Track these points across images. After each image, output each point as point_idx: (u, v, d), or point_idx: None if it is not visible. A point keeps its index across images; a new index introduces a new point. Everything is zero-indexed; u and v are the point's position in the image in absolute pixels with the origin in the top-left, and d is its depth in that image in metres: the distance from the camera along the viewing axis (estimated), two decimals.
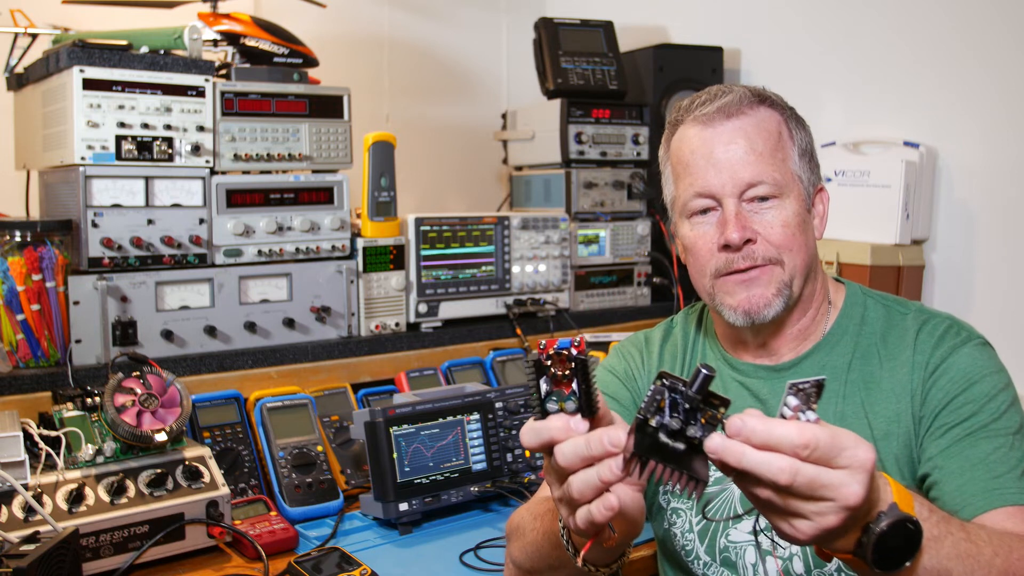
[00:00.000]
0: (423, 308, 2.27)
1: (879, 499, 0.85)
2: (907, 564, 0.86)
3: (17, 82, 2.13)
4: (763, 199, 1.26)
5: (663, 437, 0.82)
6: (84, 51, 1.84)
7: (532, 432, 0.89)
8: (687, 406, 0.81)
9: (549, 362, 0.87)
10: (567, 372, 0.86)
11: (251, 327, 2.03)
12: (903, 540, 0.85)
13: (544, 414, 0.88)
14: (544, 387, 0.87)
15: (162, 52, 1.96)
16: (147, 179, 1.91)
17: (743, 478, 0.82)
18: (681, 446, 0.82)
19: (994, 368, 1.23)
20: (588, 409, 0.87)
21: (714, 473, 1.34)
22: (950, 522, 0.92)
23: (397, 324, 2.24)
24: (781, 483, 0.79)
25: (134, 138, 1.89)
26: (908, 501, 0.87)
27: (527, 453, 1.89)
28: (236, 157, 2.02)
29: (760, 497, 0.83)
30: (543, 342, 0.87)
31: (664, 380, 0.83)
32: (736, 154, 1.26)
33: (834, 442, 0.80)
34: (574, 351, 0.85)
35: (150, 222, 1.91)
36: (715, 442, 0.81)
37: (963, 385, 1.21)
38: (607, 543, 0.96)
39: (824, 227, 1.36)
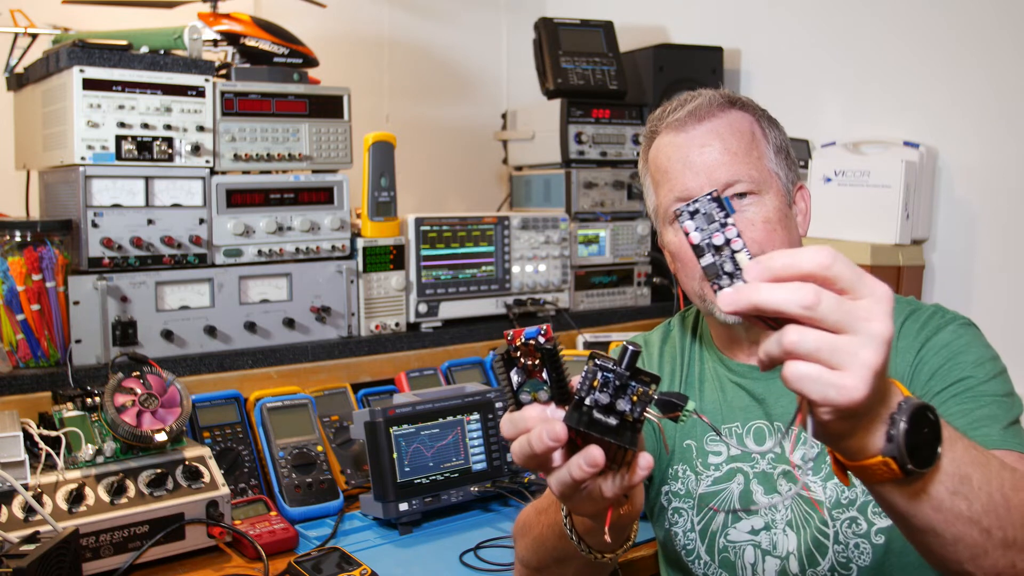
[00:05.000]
0: (423, 308, 2.27)
1: (892, 389, 0.81)
2: (939, 450, 0.81)
3: (17, 82, 2.13)
4: (741, 196, 1.27)
5: (596, 413, 0.84)
6: (84, 51, 1.84)
7: (509, 424, 0.90)
8: (618, 383, 0.84)
9: (518, 353, 0.87)
10: (536, 361, 0.87)
11: (251, 327, 2.03)
12: (928, 427, 0.80)
13: (519, 405, 0.89)
14: (516, 378, 0.88)
15: (162, 52, 1.96)
16: (147, 179, 1.91)
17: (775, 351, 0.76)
18: (613, 421, 0.84)
19: (980, 344, 1.24)
20: (560, 396, 0.88)
21: (713, 472, 1.35)
22: (958, 432, 0.88)
23: (397, 324, 2.24)
24: (806, 306, 0.72)
25: (134, 138, 1.89)
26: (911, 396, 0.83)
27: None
28: (236, 157, 2.02)
29: (795, 354, 0.74)
30: (510, 333, 0.87)
31: (596, 360, 0.85)
32: (711, 156, 1.28)
33: (854, 268, 0.74)
34: (541, 340, 0.86)
35: (150, 222, 1.91)
36: (727, 295, 0.76)
37: (948, 356, 1.21)
38: (623, 511, 0.97)
39: (808, 224, 1.37)
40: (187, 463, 1.59)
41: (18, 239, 1.79)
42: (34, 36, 2.07)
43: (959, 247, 2.30)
